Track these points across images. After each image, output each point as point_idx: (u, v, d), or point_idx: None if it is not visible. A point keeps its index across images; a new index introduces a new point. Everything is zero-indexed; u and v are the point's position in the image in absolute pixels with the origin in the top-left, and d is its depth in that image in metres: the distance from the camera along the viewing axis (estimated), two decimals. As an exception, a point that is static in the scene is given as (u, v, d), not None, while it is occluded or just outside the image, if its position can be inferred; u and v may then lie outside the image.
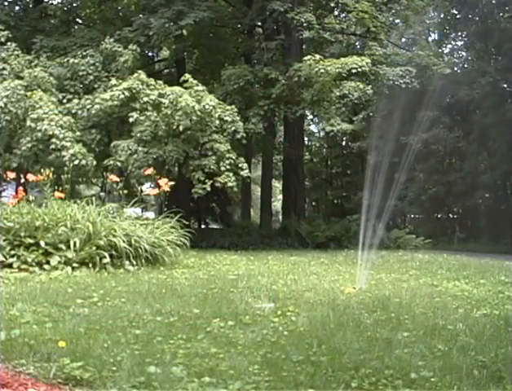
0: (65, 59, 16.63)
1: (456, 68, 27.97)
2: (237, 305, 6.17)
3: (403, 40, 28.18)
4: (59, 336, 4.35)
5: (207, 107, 14.81)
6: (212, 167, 15.14)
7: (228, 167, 15.32)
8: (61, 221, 9.49)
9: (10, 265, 8.42)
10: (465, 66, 30.51)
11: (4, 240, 8.77)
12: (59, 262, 8.78)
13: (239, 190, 23.49)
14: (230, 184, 15.22)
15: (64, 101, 15.87)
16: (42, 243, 8.93)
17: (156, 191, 12.52)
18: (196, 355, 4.10)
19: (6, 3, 21.54)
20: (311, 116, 28.38)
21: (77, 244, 9.06)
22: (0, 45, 16.31)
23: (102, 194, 13.35)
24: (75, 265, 8.83)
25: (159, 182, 12.20)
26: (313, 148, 36.25)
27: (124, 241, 9.42)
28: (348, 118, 26.31)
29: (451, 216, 32.79)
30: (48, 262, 8.72)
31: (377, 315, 5.87)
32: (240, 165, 15.75)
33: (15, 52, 16.21)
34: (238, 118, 15.79)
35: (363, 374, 3.80)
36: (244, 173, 15.88)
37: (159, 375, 3.59)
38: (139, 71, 15.83)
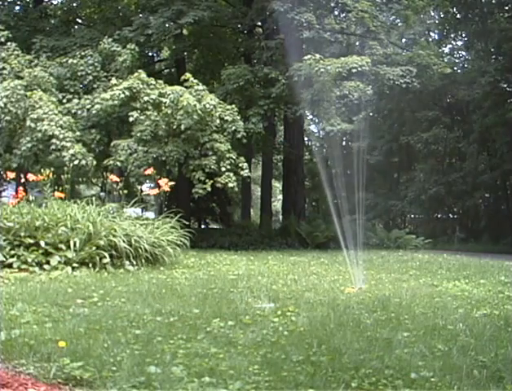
0: (65, 59, 16.62)
1: (456, 68, 27.97)
2: (237, 305, 6.17)
3: (404, 40, 28.17)
4: (59, 336, 4.35)
5: (208, 106, 14.81)
6: (212, 167, 15.13)
7: (228, 167, 15.32)
8: (61, 221, 9.49)
9: (10, 265, 8.41)
10: (465, 66, 30.53)
11: (4, 240, 8.77)
12: (59, 262, 8.77)
13: (239, 190, 23.49)
14: (230, 185, 15.21)
15: (64, 101, 15.86)
16: (42, 243, 8.92)
17: (156, 191, 12.52)
18: (196, 355, 4.10)
19: (6, 3, 21.54)
20: (311, 116, 28.36)
21: (77, 244, 9.06)
22: (0, 45, 16.30)
23: (102, 194, 13.35)
24: (75, 265, 8.83)
25: (159, 181, 12.20)
26: (313, 148, 36.25)
27: (124, 241, 9.41)
28: (348, 118, 26.32)
29: (451, 216, 32.82)
30: (48, 262, 8.71)
31: (377, 315, 5.87)
32: (240, 165, 15.75)
33: (15, 52, 16.20)
34: (238, 117, 15.79)
35: (363, 374, 3.80)
36: (245, 173, 15.88)
37: (159, 375, 3.59)
38: (140, 70, 15.82)
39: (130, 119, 14.95)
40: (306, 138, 31.38)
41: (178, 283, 7.85)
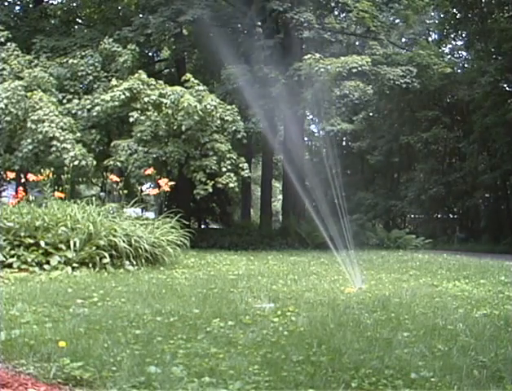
0: (65, 60, 16.62)
1: (456, 68, 27.97)
2: (237, 305, 6.17)
3: (404, 40, 28.18)
4: (59, 336, 4.35)
5: (208, 106, 14.81)
6: (213, 167, 15.13)
7: (229, 167, 15.32)
8: (61, 221, 9.49)
9: (10, 265, 8.42)
10: (465, 66, 30.51)
11: (4, 240, 8.77)
12: (59, 262, 8.78)
13: (239, 190, 23.47)
14: (231, 185, 15.21)
15: (64, 101, 15.86)
16: (42, 243, 8.93)
17: (156, 191, 12.52)
18: (196, 355, 4.10)
19: (6, 3, 21.54)
20: (311, 116, 28.37)
21: (77, 244, 9.06)
22: (0, 45, 16.30)
23: (102, 194, 13.35)
24: (75, 265, 8.83)
25: (159, 182, 12.21)
26: (313, 148, 36.28)
27: (124, 241, 9.42)
28: (348, 118, 26.33)
29: (451, 216, 32.79)
30: (48, 262, 8.72)
31: (377, 315, 5.87)
32: (240, 165, 15.75)
33: (15, 52, 16.19)
34: (239, 118, 15.79)
35: (363, 374, 3.80)
36: (245, 173, 15.89)
37: (159, 375, 3.59)
38: (140, 71, 15.82)
39: (131, 119, 14.96)
40: (306, 138, 31.44)
41: (178, 283, 7.85)
